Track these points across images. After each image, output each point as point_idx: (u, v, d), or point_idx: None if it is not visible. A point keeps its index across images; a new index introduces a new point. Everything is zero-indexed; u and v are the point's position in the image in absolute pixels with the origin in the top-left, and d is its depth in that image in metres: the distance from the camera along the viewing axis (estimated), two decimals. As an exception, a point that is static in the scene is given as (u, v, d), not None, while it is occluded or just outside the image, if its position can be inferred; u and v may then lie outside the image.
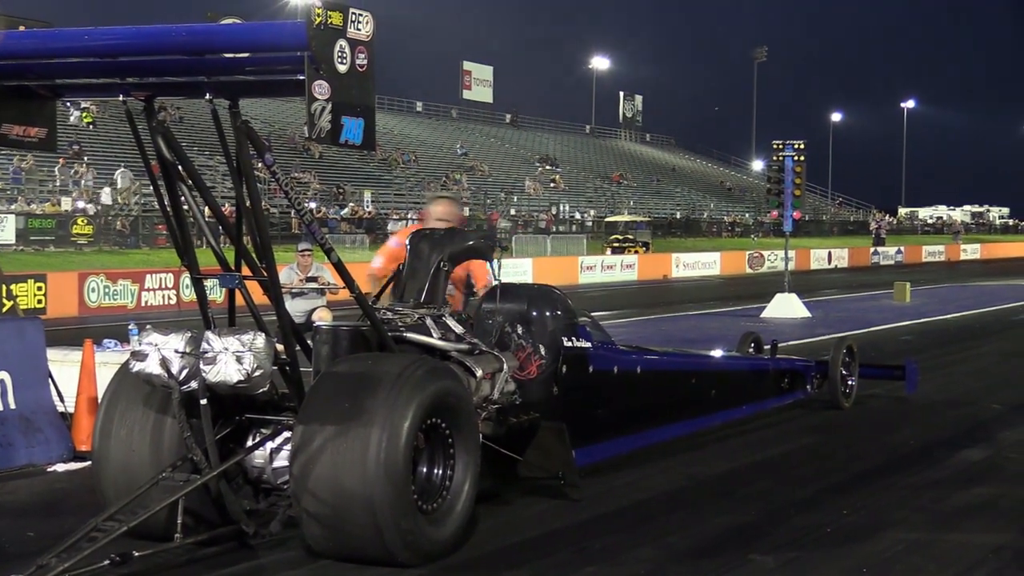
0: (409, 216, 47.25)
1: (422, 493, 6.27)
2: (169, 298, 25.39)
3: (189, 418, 6.24)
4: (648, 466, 8.69)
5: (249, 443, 6.57)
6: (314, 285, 13.13)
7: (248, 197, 6.22)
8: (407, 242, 7.83)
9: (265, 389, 6.33)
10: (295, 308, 12.28)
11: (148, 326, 6.60)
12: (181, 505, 6.06)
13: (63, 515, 7.12)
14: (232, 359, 6.08)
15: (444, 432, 6.42)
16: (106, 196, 37.43)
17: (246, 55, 5.69)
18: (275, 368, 6.33)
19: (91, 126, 45.85)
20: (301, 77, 5.45)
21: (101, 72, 6.06)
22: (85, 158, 39.14)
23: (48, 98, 6.44)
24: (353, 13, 5.63)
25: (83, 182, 37.64)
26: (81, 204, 35.31)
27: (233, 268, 6.50)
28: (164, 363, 6.19)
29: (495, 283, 7.87)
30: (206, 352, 6.13)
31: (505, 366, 7.43)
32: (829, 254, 55.23)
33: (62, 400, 9.01)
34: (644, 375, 8.93)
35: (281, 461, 6.46)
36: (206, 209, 6.72)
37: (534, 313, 7.84)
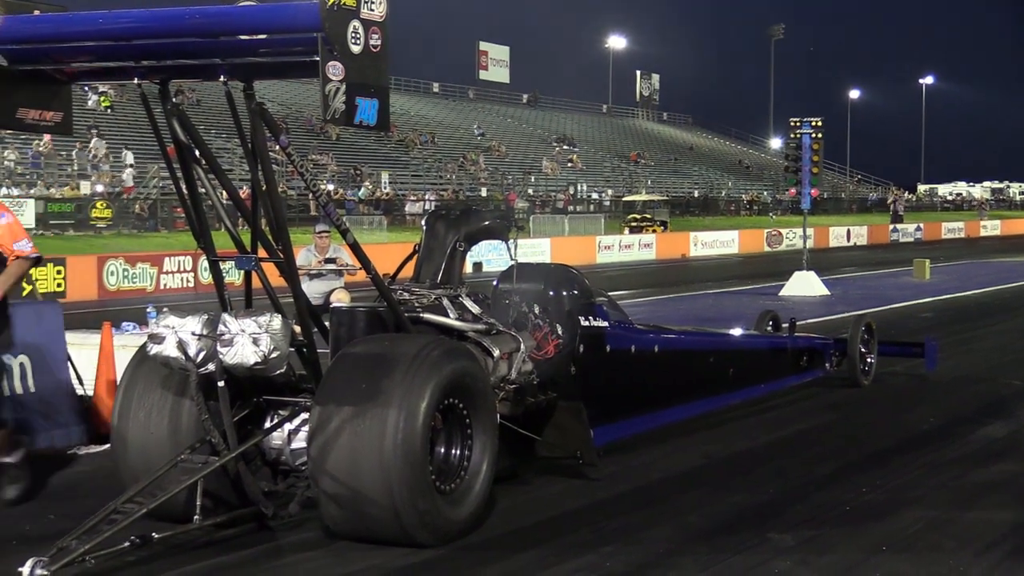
0: (426, 197, 47.26)
1: (440, 473, 6.28)
2: (187, 281, 25.47)
3: (207, 400, 6.26)
4: (666, 445, 8.69)
5: (267, 425, 6.60)
6: (332, 267, 13.14)
7: (264, 179, 6.23)
8: (423, 223, 7.86)
9: (282, 371, 6.34)
10: (313, 290, 12.31)
11: (166, 309, 6.62)
12: (200, 487, 6.09)
13: (82, 497, 7.15)
14: (249, 341, 6.09)
15: (461, 412, 6.42)
16: (131, 157, 37.62)
17: (260, 37, 5.69)
18: (292, 350, 6.35)
19: (109, 110, 45.94)
20: (315, 58, 5.44)
21: (116, 55, 6.06)
22: (103, 140, 39.16)
23: (63, 82, 6.44)
24: (366, -7, 5.61)
25: (101, 166, 37.68)
26: (100, 188, 35.37)
27: (249, 250, 6.51)
28: (181, 345, 6.21)
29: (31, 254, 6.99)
30: (223, 334, 6.14)
31: (522, 346, 7.43)
32: (848, 232, 55.03)
33: (81, 383, 9.04)
34: (662, 354, 8.91)
35: (299, 443, 6.47)
36: (222, 192, 6.72)
37: (551, 293, 7.84)
